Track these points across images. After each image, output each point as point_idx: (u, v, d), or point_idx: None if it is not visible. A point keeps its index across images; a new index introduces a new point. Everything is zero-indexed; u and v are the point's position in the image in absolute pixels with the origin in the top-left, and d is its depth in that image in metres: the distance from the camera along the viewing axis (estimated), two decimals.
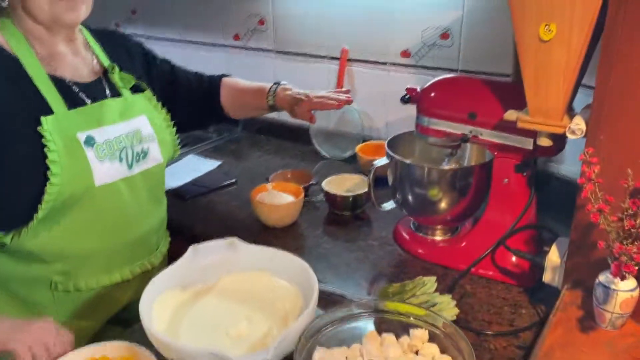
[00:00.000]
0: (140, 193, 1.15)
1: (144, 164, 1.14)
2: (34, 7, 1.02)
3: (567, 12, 0.83)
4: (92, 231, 1.10)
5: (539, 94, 0.92)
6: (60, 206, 1.03)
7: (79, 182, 1.03)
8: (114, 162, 1.08)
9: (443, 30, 1.54)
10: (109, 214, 1.11)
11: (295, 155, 1.85)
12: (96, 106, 1.09)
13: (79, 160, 1.03)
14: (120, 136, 1.10)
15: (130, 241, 1.17)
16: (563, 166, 1.45)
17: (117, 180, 1.09)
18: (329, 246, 1.31)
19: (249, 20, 1.89)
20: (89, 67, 1.15)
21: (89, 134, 1.05)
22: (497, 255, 1.16)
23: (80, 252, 1.11)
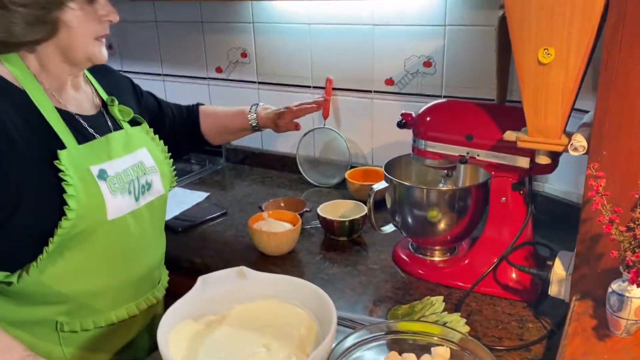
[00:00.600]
0: (146, 226, 1.14)
1: (148, 196, 1.14)
2: (77, 49, 1.02)
3: (565, 37, 0.88)
4: (99, 267, 1.07)
5: (538, 114, 0.97)
6: (69, 241, 1.01)
7: (92, 217, 1.02)
8: (124, 196, 1.07)
9: (426, 58, 1.60)
10: (116, 249, 1.09)
11: (283, 183, 1.86)
12: (103, 140, 1.09)
13: (94, 194, 1.02)
14: (128, 169, 1.10)
15: (137, 276, 1.15)
16: (547, 185, 1.51)
17: (126, 214, 1.08)
18: (332, 272, 1.31)
19: (232, 52, 1.91)
20: (90, 101, 1.14)
21: (101, 167, 1.04)
22: (498, 272, 1.19)
23: (87, 290, 1.07)
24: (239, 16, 1.84)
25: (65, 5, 0.98)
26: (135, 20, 2.04)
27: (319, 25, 1.72)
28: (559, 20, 0.88)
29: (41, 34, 0.99)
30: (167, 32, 2.01)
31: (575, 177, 1.42)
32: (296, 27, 1.75)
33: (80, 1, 1.00)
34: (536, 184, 1.51)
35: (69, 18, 0.99)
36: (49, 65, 1.04)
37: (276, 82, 1.87)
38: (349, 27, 1.68)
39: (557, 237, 1.36)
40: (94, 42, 1.04)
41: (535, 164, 1.09)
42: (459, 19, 1.51)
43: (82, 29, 1.01)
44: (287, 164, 1.93)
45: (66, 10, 0.98)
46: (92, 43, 1.03)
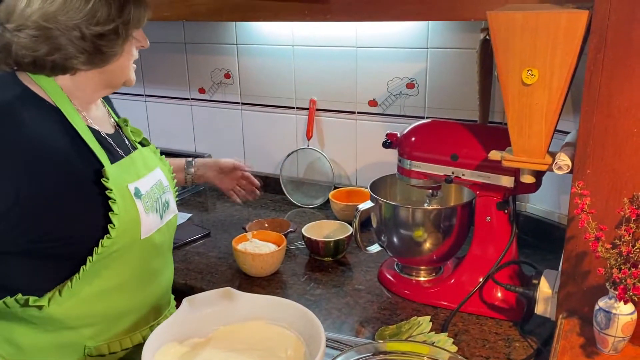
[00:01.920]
0: (165, 244, 1.13)
1: (168, 215, 1.13)
2: (123, 74, 1.04)
3: (548, 58, 0.90)
4: (128, 286, 1.05)
5: (522, 134, 0.99)
6: (103, 260, 0.99)
7: (129, 235, 1.00)
8: (153, 214, 1.06)
9: (409, 80, 1.62)
10: (144, 267, 1.07)
11: (266, 204, 1.85)
12: (128, 159, 1.07)
13: (132, 212, 1.00)
14: (153, 187, 1.09)
15: (158, 294, 1.13)
16: (529, 205, 1.53)
17: (154, 232, 1.07)
18: (317, 292, 1.30)
19: (215, 73, 1.91)
20: (108, 122, 1.13)
21: (135, 185, 1.03)
22: (484, 291, 1.19)
23: (115, 311, 1.05)
24: (223, 37, 1.84)
25: (129, 34, 1.00)
26: None
27: (302, 47, 1.74)
28: (542, 42, 0.90)
29: (96, 64, 0.99)
30: (149, 53, 1.99)
31: (556, 196, 1.44)
32: (280, 48, 1.77)
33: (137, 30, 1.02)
34: (519, 204, 1.53)
35: (119, 48, 1.00)
36: (86, 87, 1.03)
37: (260, 103, 1.87)
38: (332, 49, 1.70)
39: (540, 256, 1.38)
40: (131, 66, 1.06)
41: (520, 183, 1.10)
42: (441, 41, 1.54)
43: (130, 56, 1.04)
44: (270, 184, 1.92)
45: (129, 39, 1.01)
46: (131, 67, 1.06)
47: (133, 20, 1.00)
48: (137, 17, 1.00)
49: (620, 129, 0.86)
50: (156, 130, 2.10)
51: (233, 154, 1.97)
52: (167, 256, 1.17)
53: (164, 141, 2.09)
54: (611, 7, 0.82)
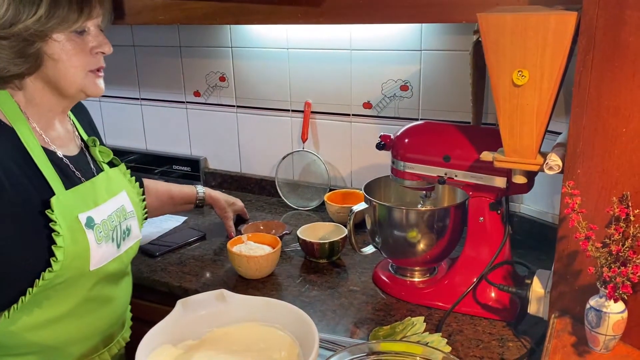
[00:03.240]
0: (121, 271, 1.10)
1: (128, 242, 1.10)
2: (68, 81, 0.99)
3: (538, 59, 0.91)
4: (76, 315, 1.02)
5: (513, 135, 0.99)
6: (45, 292, 0.96)
7: (75, 268, 0.97)
8: (107, 244, 1.03)
9: (403, 82, 1.63)
10: (94, 297, 1.04)
11: (261, 207, 1.85)
12: (88, 184, 1.04)
13: (80, 244, 0.97)
14: (112, 214, 1.06)
15: (109, 322, 1.11)
16: (523, 205, 1.54)
17: (107, 263, 1.03)
18: (312, 294, 1.30)
19: (210, 77, 1.91)
20: (72, 141, 1.10)
21: (88, 215, 0.99)
22: (478, 291, 1.20)
23: (63, 339, 1.02)
24: (218, 40, 1.85)
25: (49, 37, 0.95)
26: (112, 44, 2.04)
27: (297, 50, 1.74)
28: (532, 43, 0.90)
29: (24, 67, 0.96)
30: (144, 56, 2.01)
31: (549, 197, 1.45)
32: (275, 51, 1.77)
33: (67, 33, 0.96)
34: (512, 204, 1.54)
35: (54, 51, 0.96)
36: (39, 100, 1.00)
37: (255, 106, 1.88)
38: (327, 52, 1.70)
39: (534, 256, 1.38)
40: (86, 75, 1.00)
41: (512, 183, 1.11)
42: (435, 44, 1.55)
43: (71, 61, 0.98)
44: (265, 187, 1.93)
45: (50, 42, 0.96)
46: (84, 76, 1.00)
47: (48, 21, 0.94)
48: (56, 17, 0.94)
49: (610, 129, 0.86)
50: (151, 133, 2.11)
51: (228, 157, 1.98)
52: (123, 281, 1.14)
53: (160, 145, 2.10)
54: (599, 9, 0.83)
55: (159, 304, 1.40)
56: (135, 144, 2.14)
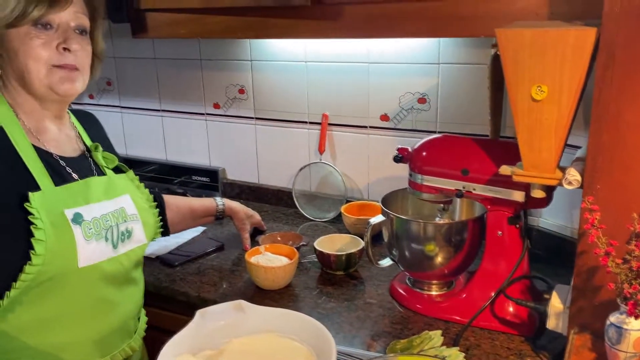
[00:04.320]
0: (122, 275, 1.10)
1: (128, 244, 1.10)
2: (31, 76, 1.01)
3: (557, 75, 0.91)
4: (70, 317, 1.03)
5: (532, 149, 0.99)
6: (36, 287, 0.97)
7: (61, 263, 0.97)
8: (100, 242, 1.03)
9: (420, 95, 1.63)
10: (89, 298, 1.04)
11: (278, 217, 1.86)
12: (82, 183, 1.06)
13: (65, 239, 0.98)
14: (107, 214, 1.06)
15: (111, 327, 1.10)
16: (541, 219, 1.53)
17: (100, 262, 1.03)
18: (329, 306, 1.31)
19: (229, 89, 1.94)
20: (72, 145, 1.13)
21: (76, 211, 1.01)
22: (496, 306, 1.19)
23: (56, 342, 1.02)
24: (238, 54, 1.88)
25: (4, 26, 0.97)
26: (134, 57, 2.08)
27: (315, 63, 1.76)
28: (550, 58, 0.91)
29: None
30: (166, 69, 2.05)
31: (569, 211, 1.44)
32: (293, 64, 1.79)
33: (26, 26, 0.98)
34: (531, 218, 1.53)
35: (13, 44, 0.98)
36: (20, 100, 1.03)
37: (273, 118, 1.90)
38: (344, 65, 1.72)
39: (552, 270, 1.37)
40: (50, 70, 1.01)
41: (531, 197, 1.10)
42: (452, 57, 1.56)
43: (30, 54, 0.99)
44: (282, 198, 1.94)
45: (7, 34, 0.98)
46: (48, 71, 1.01)
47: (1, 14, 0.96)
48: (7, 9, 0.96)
49: (629, 145, 0.86)
50: (171, 144, 2.14)
51: (247, 168, 2.00)
52: (128, 288, 1.13)
53: (179, 155, 2.13)
54: (618, 25, 0.83)
55: (178, 313, 1.42)
56: (155, 155, 2.18)
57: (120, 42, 2.07)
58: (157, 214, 1.23)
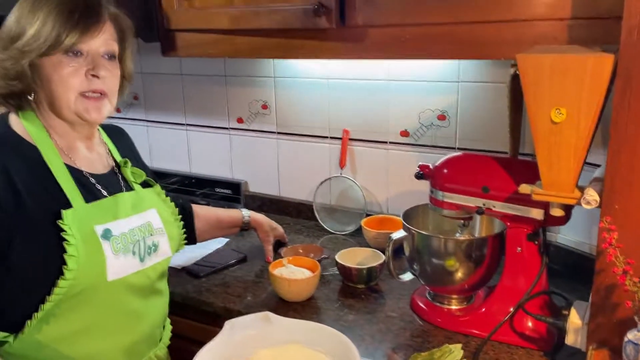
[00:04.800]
0: (148, 287, 1.15)
1: (154, 258, 1.14)
2: (61, 103, 1.05)
3: (575, 98, 0.95)
4: (100, 328, 1.07)
5: (551, 169, 1.03)
6: (68, 300, 1.02)
7: (91, 277, 1.02)
8: (127, 256, 1.08)
9: (440, 112, 1.67)
10: (117, 310, 1.09)
11: (299, 230, 1.90)
12: (111, 199, 1.11)
13: (95, 254, 1.02)
14: (135, 229, 1.11)
15: (138, 336, 1.15)
16: (560, 235, 1.55)
17: (128, 275, 1.08)
18: (351, 318, 1.34)
19: (253, 104, 2.00)
20: (103, 162, 1.18)
21: (106, 227, 1.06)
22: (515, 320, 1.22)
23: (87, 352, 1.07)
24: (261, 71, 1.93)
25: (40, 56, 1.02)
26: (161, 73, 2.15)
27: (336, 80, 1.81)
28: (570, 83, 0.94)
29: (19, 86, 1.04)
30: (191, 85, 2.11)
31: (587, 228, 1.46)
32: (315, 81, 1.84)
33: (57, 53, 1.02)
34: (549, 234, 1.55)
35: (47, 71, 1.03)
36: (51, 122, 1.08)
37: (295, 133, 1.95)
38: (365, 82, 1.76)
39: (570, 287, 1.39)
40: (78, 98, 1.05)
41: (549, 215, 1.13)
42: (472, 75, 1.59)
43: (61, 81, 1.03)
44: (302, 210, 1.98)
45: (42, 61, 1.02)
46: (76, 99, 1.05)
47: (28, 39, 1.01)
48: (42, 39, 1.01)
49: None
50: (196, 157, 2.20)
51: (268, 181, 2.04)
52: (154, 299, 1.17)
53: (203, 168, 2.19)
54: (636, 52, 0.86)
55: (203, 323, 1.47)
56: (179, 167, 2.24)
57: (148, 59, 2.14)
58: (181, 226, 1.28)
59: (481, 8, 1.17)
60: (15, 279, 1.00)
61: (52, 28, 1.01)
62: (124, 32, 1.14)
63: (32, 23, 1.02)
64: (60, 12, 1.02)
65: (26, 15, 1.03)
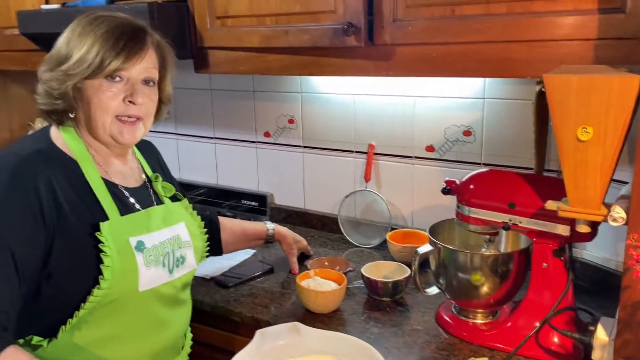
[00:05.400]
0: (174, 297, 1.19)
1: (182, 269, 1.19)
2: (97, 124, 1.11)
3: (602, 118, 0.96)
4: (128, 336, 1.12)
5: (578, 187, 1.04)
6: (101, 308, 1.06)
7: (124, 287, 1.07)
8: (158, 268, 1.12)
9: (465, 128, 1.69)
10: (145, 319, 1.13)
11: (324, 242, 1.93)
12: (144, 213, 1.16)
13: (129, 265, 1.07)
14: (165, 241, 1.16)
15: (162, 346, 1.19)
16: (585, 251, 1.56)
17: (158, 286, 1.13)
18: (376, 331, 1.36)
19: (280, 119, 2.04)
20: (135, 176, 1.23)
21: (139, 239, 1.10)
22: (540, 335, 1.23)
23: (115, 359, 1.11)
24: (288, 86, 1.98)
25: (81, 78, 1.07)
26: (191, 88, 2.21)
27: (362, 96, 1.85)
28: (596, 103, 0.96)
29: (62, 105, 1.09)
30: (220, 99, 2.17)
31: (613, 244, 1.46)
32: (341, 97, 1.88)
33: (99, 77, 1.08)
34: (575, 250, 1.55)
35: (87, 93, 1.08)
36: (88, 139, 1.14)
37: (321, 147, 1.98)
38: (391, 98, 1.80)
39: (597, 303, 1.40)
40: (113, 121, 1.11)
41: (576, 231, 1.14)
42: (498, 92, 1.61)
43: (99, 105, 1.08)
44: (327, 223, 2.01)
45: (84, 84, 1.08)
46: (111, 122, 1.10)
47: (78, 65, 1.06)
48: (88, 63, 1.06)
49: None
50: (223, 170, 2.25)
51: (294, 193, 2.08)
52: (179, 308, 1.21)
53: (230, 180, 2.24)
54: None
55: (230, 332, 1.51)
56: (207, 179, 2.29)
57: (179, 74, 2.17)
58: (205, 239, 1.32)
59: (509, 28, 1.20)
60: (53, 286, 1.05)
61: (96, 54, 1.06)
62: (165, 58, 1.19)
63: (79, 47, 1.07)
64: (106, 39, 1.07)
65: (75, 39, 1.08)
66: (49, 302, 1.06)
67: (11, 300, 0.97)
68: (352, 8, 1.35)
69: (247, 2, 1.53)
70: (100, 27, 1.08)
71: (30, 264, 1.00)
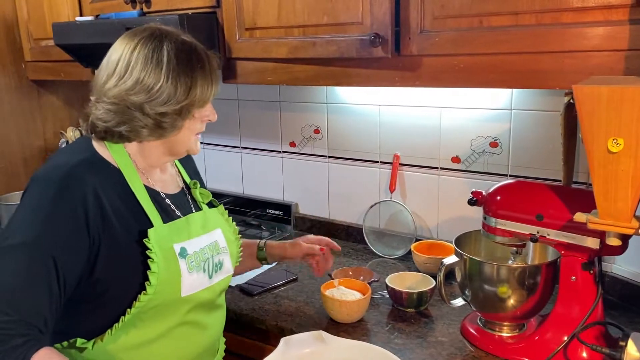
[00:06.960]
0: (212, 302, 1.21)
1: (220, 275, 1.21)
2: (181, 145, 1.15)
3: (633, 129, 0.95)
4: (169, 339, 1.14)
5: (608, 199, 1.03)
6: (144, 314, 1.09)
7: (168, 293, 1.09)
8: (199, 273, 1.15)
9: (492, 139, 1.68)
10: (185, 322, 1.15)
11: (348, 252, 1.93)
12: (184, 220, 1.18)
13: (173, 271, 1.09)
14: (205, 247, 1.18)
15: (200, 349, 1.21)
16: (615, 265, 1.53)
17: (199, 291, 1.15)
18: (401, 342, 1.36)
19: (305, 129, 2.06)
20: (174, 182, 1.26)
21: (182, 245, 1.13)
22: (569, 350, 1.21)
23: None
24: (315, 97, 2.00)
25: (191, 114, 1.11)
26: (218, 98, 2.24)
27: (388, 106, 1.85)
28: (627, 113, 0.95)
29: (158, 136, 1.11)
30: (247, 109, 2.20)
31: None
32: (367, 107, 1.89)
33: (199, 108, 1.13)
34: (604, 264, 1.53)
35: (188, 124, 1.13)
36: (150, 154, 1.16)
37: (346, 157, 1.99)
38: (417, 109, 1.80)
39: (627, 318, 1.37)
40: (193, 138, 1.17)
41: (605, 245, 1.12)
42: (525, 104, 1.60)
43: (190, 130, 1.14)
44: (352, 233, 2.02)
45: (190, 117, 1.12)
46: (193, 139, 1.16)
47: (197, 102, 1.10)
48: (202, 99, 1.11)
49: None
50: (249, 179, 2.27)
51: (318, 203, 2.09)
52: (216, 312, 1.24)
53: (255, 189, 2.26)
54: None
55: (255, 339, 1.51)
56: (233, 188, 2.32)
57: None
58: (239, 245, 1.34)
59: (538, 39, 1.19)
60: (100, 292, 1.07)
61: (207, 88, 1.11)
62: None
63: (189, 84, 1.09)
64: (205, 73, 1.11)
65: (181, 74, 1.08)
66: (95, 307, 1.09)
67: (50, 307, 0.99)
68: (378, 19, 1.36)
69: (275, 14, 1.55)
70: (198, 61, 1.11)
71: (72, 272, 1.02)
